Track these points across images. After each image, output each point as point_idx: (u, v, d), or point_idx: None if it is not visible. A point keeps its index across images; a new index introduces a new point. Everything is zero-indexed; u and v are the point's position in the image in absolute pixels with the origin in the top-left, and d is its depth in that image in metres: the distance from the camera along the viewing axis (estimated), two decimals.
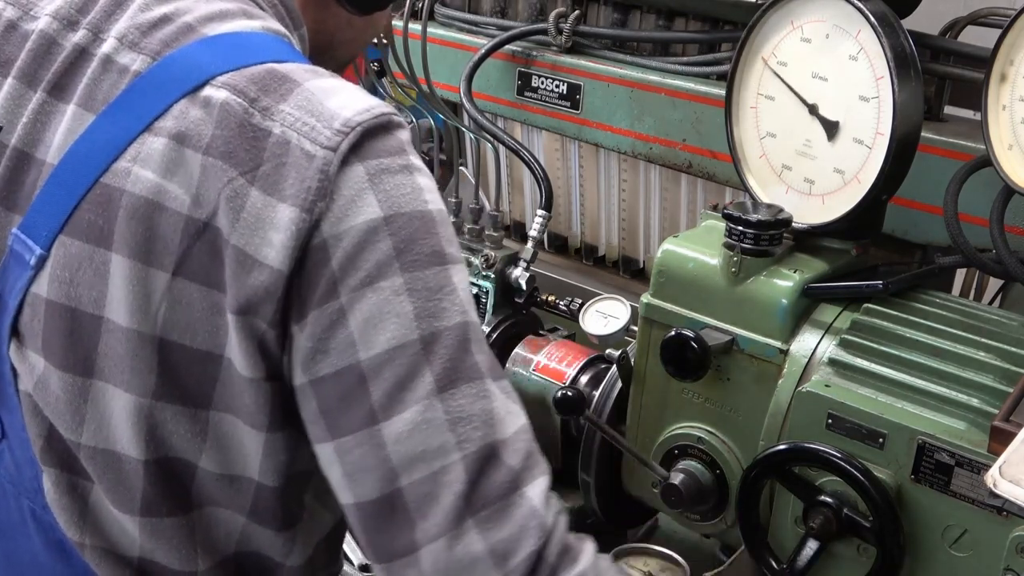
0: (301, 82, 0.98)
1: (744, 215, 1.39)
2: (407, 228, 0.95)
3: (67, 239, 1.00)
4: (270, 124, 0.95)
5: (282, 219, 0.93)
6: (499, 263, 1.84)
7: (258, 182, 0.94)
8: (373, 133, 0.96)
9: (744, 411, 1.41)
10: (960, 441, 1.19)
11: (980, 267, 1.41)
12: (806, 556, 1.27)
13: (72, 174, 1.00)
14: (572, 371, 1.70)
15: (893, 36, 1.34)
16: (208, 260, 0.96)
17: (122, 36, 1.03)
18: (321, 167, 0.93)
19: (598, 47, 1.95)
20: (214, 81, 0.98)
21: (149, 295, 0.97)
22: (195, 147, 0.96)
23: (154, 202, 0.96)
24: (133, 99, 1.00)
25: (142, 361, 0.99)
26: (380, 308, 0.94)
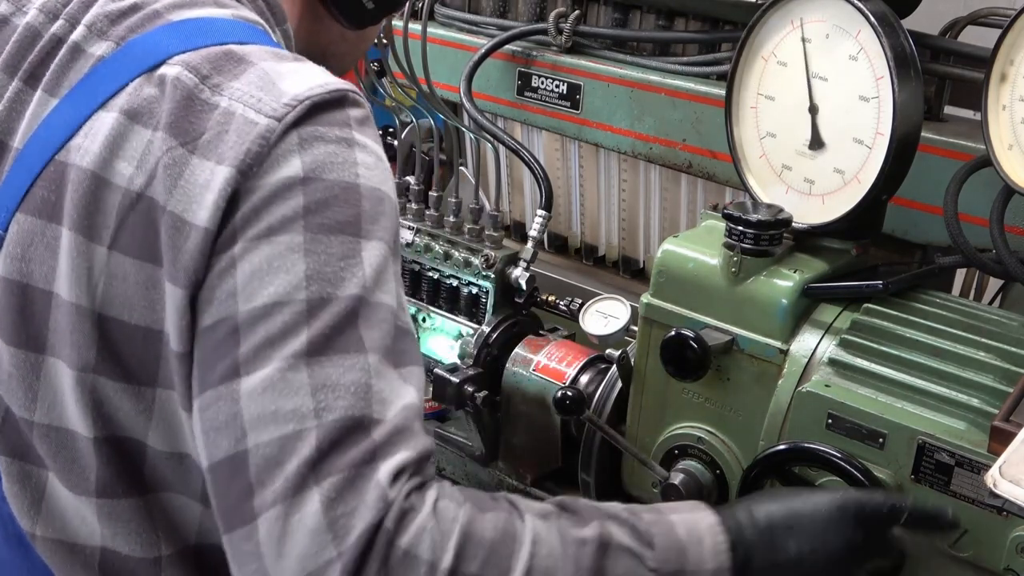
0: (257, 62, 0.98)
1: (744, 215, 1.39)
2: (324, 193, 0.93)
3: (21, 216, 1.01)
4: (218, 99, 0.96)
5: (217, 180, 0.92)
6: (499, 263, 1.84)
7: (199, 150, 0.94)
8: (322, 107, 0.95)
9: (744, 411, 1.41)
10: (960, 441, 1.19)
11: (980, 267, 1.41)
12: None
13: (31, 156, 1.01)
14: (572, 371, 1.70)
15: (893, 36, 1.34)
16: (142, 232, 0.95)
17: (91, 24, 1.05)
18: (263, 133, 0.93)
19: (598, 47, 1.95)
20: (171, 60, 0.98)
21: (89, 269, 0.97)
22: (145, 123, 0.97)
23: (99, 176, 0.97)
24: (93, 82, 1.01)
25: (83, 336, 0.98)
26: (270, 261, 0.91)
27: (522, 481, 1.77)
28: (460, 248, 1.91)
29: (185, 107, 0.95)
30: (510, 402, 1.76)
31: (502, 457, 1.79)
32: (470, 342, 1.83)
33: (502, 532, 0.92)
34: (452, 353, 1.97)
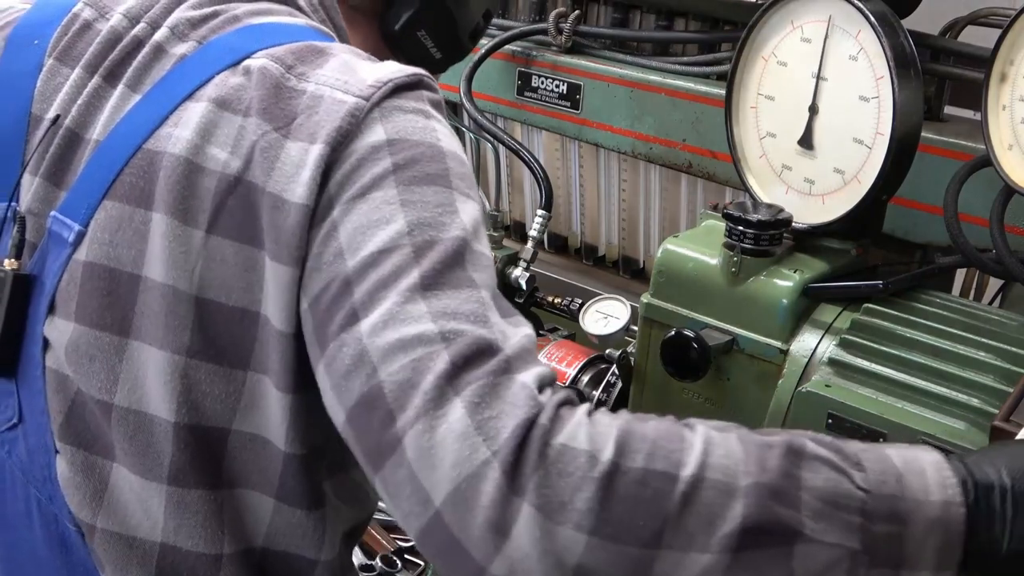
0: (338, 53, 1.02)
1: (744, 215, 1.39)
2: (410, 151, 0.95)
3: (108, 203, 1.03)
4: (305, 85, 0.99)
5: (311, 157, 0.94)
6: (499, 263, 1.84)
7: (292, 134, 0.97)
8: (403, 88, 0.99)
9: (744, 411, 1.41)
10: (960, 441, 1.19)
11: (980, 267, 1.41)
12: None
13: (115, 147, 1.04)
14: (572, 371, 1.70)
15: (893, 36, 1.34)
16: (241, 215, 0.97)
17: (173, 27, 1.09)
18: (351, 110, 0.96)
19: (598, 47, 1.95)
20: (255, 55, 1.02)
21: (187, 252, 0.98)
22: (234, 110, 1.00)
23: (192, 161, 0.99)
24: (178, 76, 1.05)
25: (178, 318, 0.99)
26: (369, 216, 0.92)
27: None
28: None
29: (274, 94, 0.99)
30: None
31: None
32: None
33: (667, 432, 0.85)
34: None
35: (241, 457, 1.05)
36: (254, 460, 1.05)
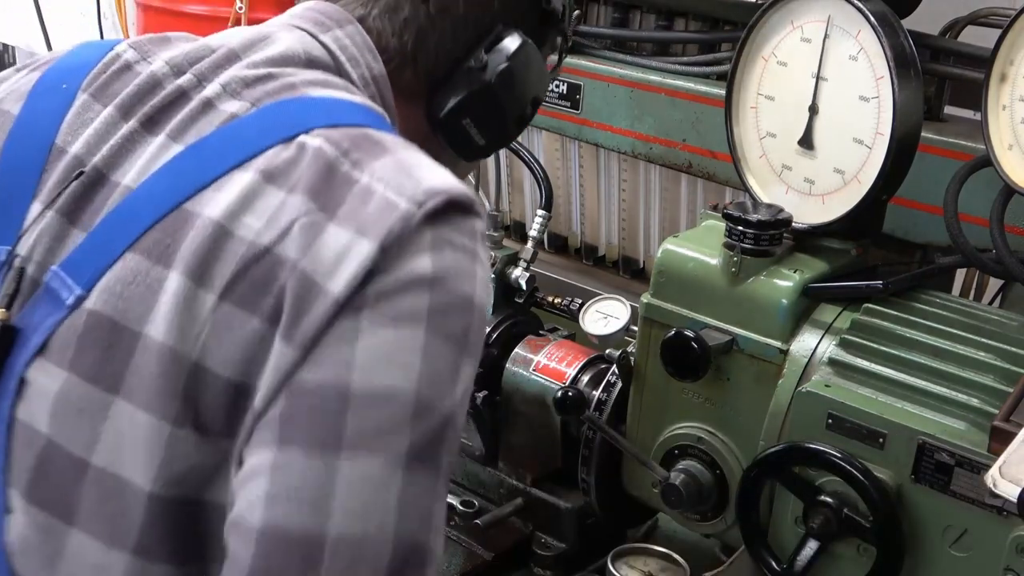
0: (394, 149, 1.00)
1: (744, 215, 1.39)
2: (447, 298, 0.95)
3: (131, 255, 0.99)
4: (359, 174, 0.97)
5: (358, 252, 0.92)
6: (499, 263, 1.84)
7: (338, 219, 0.94)
8: (455, 206, 0.97)
9: (744, 411, 1.41)
10: (960, 441, 1.19)
11: (980, 267, 1.41)
12: (806, 556, 1.27)
13: (149, 200, 1.01)
14: (572, 371, 1.70)
15: (893, 36, 1.34)
16: (261, 286, 0.94)
17: (226, 84, 1.06)
18: (404, 215, 0.94)
19: (598, 47, 1.95)
20: (311, 132, 1.00)
21: (194, 316, 0.95)
22: (280, 185, 0.97)
23: (223, 226, 0.96)
24: (227, 137, 1.02)
25: (171, 382, 0.96)
26: (394, 348, 0.92)
27: (522, 481, 1.77)
28: None
29: (326, 176, 0.96)
30: (510, 402, 1.76)
31: (502, 457, 1.79)
32: None
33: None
34: None
35: (212, 531, 1.00)
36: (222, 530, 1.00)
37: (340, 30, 1.13)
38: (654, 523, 1.77)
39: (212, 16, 3.01)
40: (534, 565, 1.71)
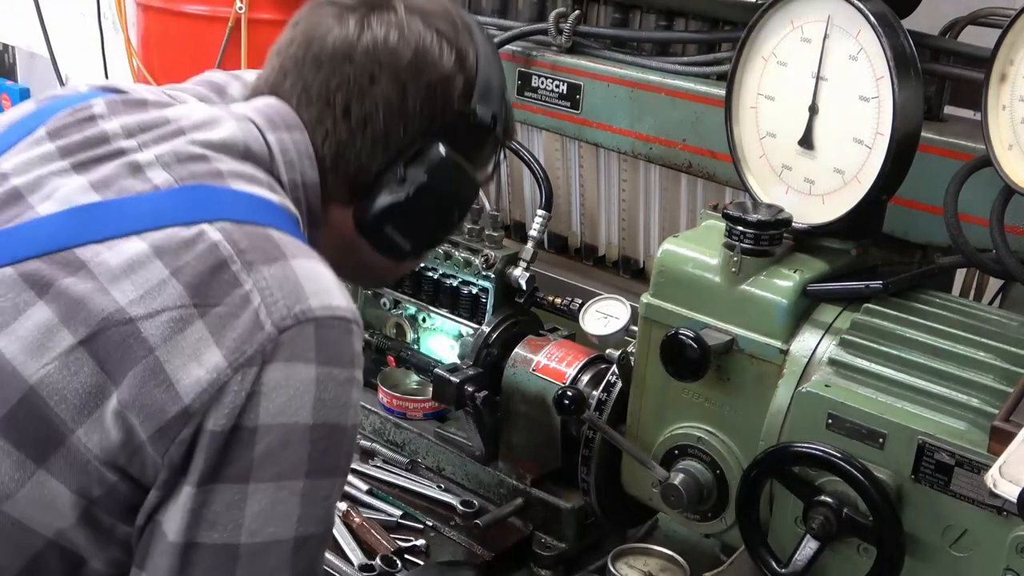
0: (289, 257, 1.08)
1: (744, 215, 1.39)
2: (326, 439, 1.06)
3: (10, 270, 1.06)
4: (244, 277, 1.05)
5: (210, 360, 1.02)
6: (499, 263, 1.84)
7: (207, 319, 1.03)
8: (328, 328, 1.06)
9: (744, 411, 1.41)
10: (960, 441, 1.19)
11: (980, 267, 1.41)
12: (806, 556, 1.27)
13: (47, 232, 1.08)
14: (572, 371, 1.70)
15: (893, 36, 1.34)
16: (114, 349, 1.02)
17: (160, 155, 1.14)
18: (263, 342, 1.03)
19: (598, 47, 1.95)
20: (215, 223, 1.08)
21: (47, 347, 1.02)
22: (167, 263, 1.05)
23: (102, 284, 1.04)
24: (138, 204, 1.09)
25: (3, 393, 1.03)
26: (274, 503, 1.04)
27: (522, 481, 1.77)
28: (460, 248, 1.91)
29: (212, 274, 1.04)
30: (510, 402, 1.76)
31: (502, 457, 1.79)
32: (470, 342, 1.83)
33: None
34: (452, 353, 1.97)
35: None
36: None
37: (287, 133, 1.22)
38: (654, 523, 1.77)
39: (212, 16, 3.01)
40: (534, 565, 1.71)
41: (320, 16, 1.27)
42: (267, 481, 1.04)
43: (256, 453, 1.03)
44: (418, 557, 1.69)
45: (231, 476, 1.03)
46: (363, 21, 1.25)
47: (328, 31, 1.25)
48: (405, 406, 1.97)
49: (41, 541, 1.06)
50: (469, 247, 1.90)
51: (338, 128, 1.24)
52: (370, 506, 1.79)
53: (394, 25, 1.25)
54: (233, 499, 1.03)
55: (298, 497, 1.06)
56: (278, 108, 1.24)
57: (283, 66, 1.27)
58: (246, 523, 1.04)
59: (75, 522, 1.06)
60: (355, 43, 1.23)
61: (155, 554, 1.06)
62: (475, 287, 1.90)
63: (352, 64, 1.23)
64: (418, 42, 1.25)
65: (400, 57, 1.24)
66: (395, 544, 1.69)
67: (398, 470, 1.89)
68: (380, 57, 1.23)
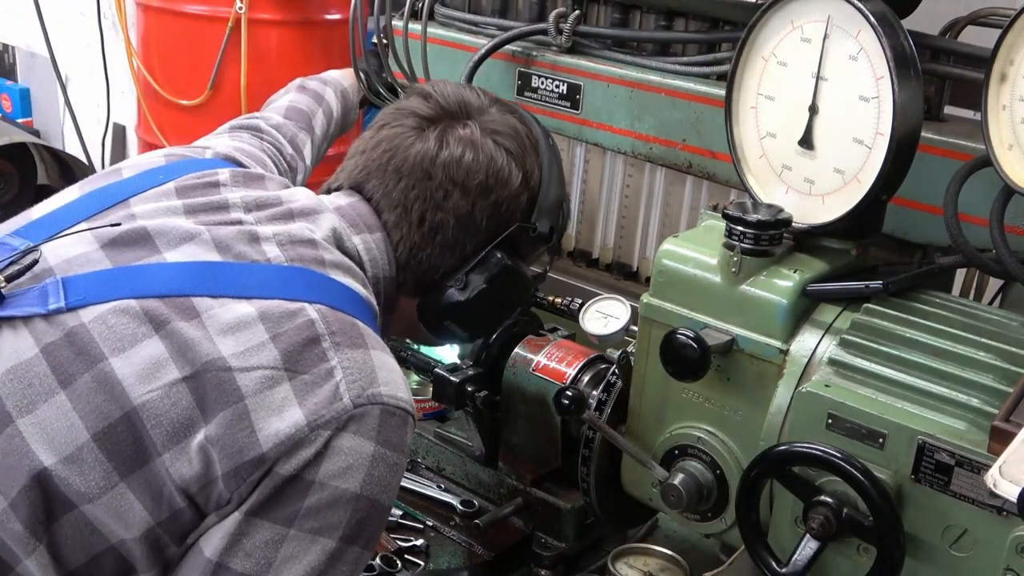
0: (370, 347, 1.22)
1: (744, 215, 1.39)
2: (365, 511, 1.17)
3: (134, 302, 1.18)
4: (332, 355, 1.19)
5: (291, 417, 1.14)
6: None
7: (294, 382, 1.16)
8: (390, 416, 1.19)
9: (744, 411, 1.41)
10: (960, 441, 1.19)
11: (980, 267, 1.41)
12: (806, 556, 1.27)
13: (170, 278, 1.22)
14: (572, 371, 1.70)
15: (893, 36, 1.34)
16: (211, 390, 1.14)
17: (275, 233, 1.30)
18: (340, 411, 1.16)
19: (598, 47, 1.95)
20: (316, 304, 1.22)
21: (154, 376, 1.14)
22: (268, 328, 1.18)
23: (211, 337, 1.17)
24: (253, 272, 1.24)
25: (107, 408, 1.14)
26: (306, 553, 1.15)
27: (522, 481, 1.77)
28: None
29: (305, 346, 1.18)
30: (510, 402, 1.76)
31: (502, 457, 1.80)
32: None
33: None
34: (452, 353, 1.97)
35: (66, 524, 1.17)
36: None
37: (368, 234, 1.38)
38: (654, 523, 1.77)
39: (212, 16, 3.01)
40: (534, 565, 1.71)
41: (403, 126, 1.42)
42: (306, 532, 1.15)
43: (305, 504, 1.15)
44: (418, 557, 1.69)
45: (278, 517, 1.15)
46: (442, 138, 1.40)
47: (411, 145, 1.40)
48: None
49: (104, 544, 1.16)
50: None
51: (412, 233, 1.40)
52: None
53: (469, 144, 1.40)
54: (273, 538, 1.15)
55: (327, 556, 1.16)
56: (360, 210, 1.40)
57: (367, 167, 1.42)
58: (276, 563, 1.15)
59: (138, 536, 1.16)
60: (434, 159, 1.39)
61: (186, 567, 1.17)
62: None
63: (430, 180, 1.39)
64: (490, 163, 1.40)
65: (472, 176, 1.39)
66: (395, 544, 1.69)
67: None
68: (454, 176, 1.39)
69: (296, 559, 1.15)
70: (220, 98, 3.05)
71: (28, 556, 1.13)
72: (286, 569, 1.15)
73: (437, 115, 1.42)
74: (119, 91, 4.01)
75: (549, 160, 1.48)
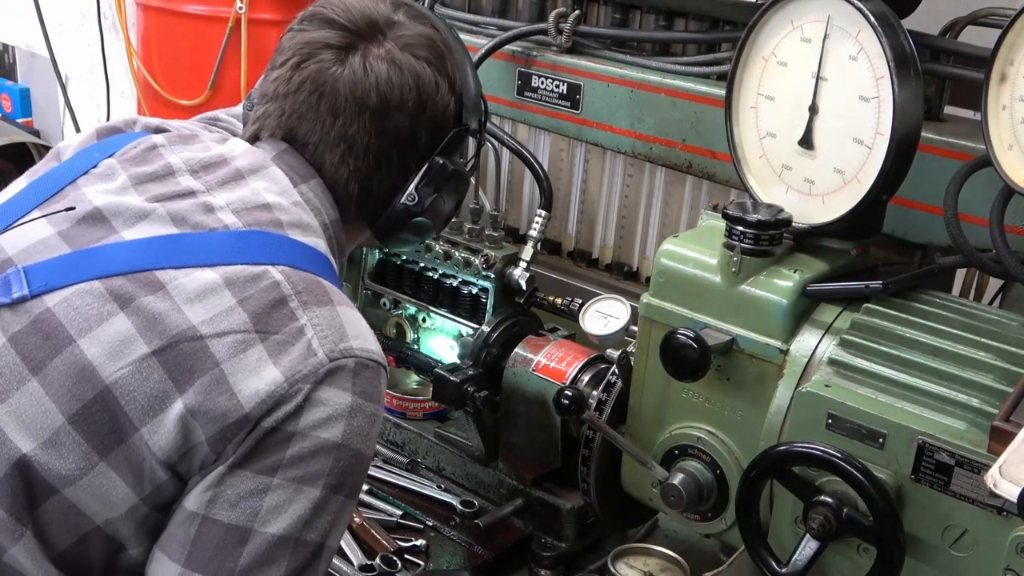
0: (336, 303, 1.24)
1: (744, 215, 1.39)
2: (347, 460, 1.19)
3: (97, 283, 1.18)
4: (300, 313, 1.20)
5: (268, 376, 1.15)
6: (499, 263, 1.84)
7: (266, 343, 1.17)
8: (364, 368, 1.21)
9: (744, 411, 1.41)
10: (960, 441, 1.19)
11: (980, 267, 1.41)
12: (806, 556, 1.27)
13: (129, 255, 1.22)
14: (572, 371, 1.70)
15: (893, 36, 1.34)
16: (184, 360, 1.15)
17: (230, 202, 1.28)
18: (316, 365, 1.17)
19: (598, 47, 1.95)
20: (279, 266, 1.23)
21: (124, 353, 1.15)
22: (234, 293, 1.19)
23: (176, 304, 1.17)
24: (213, 240, 1.24)
25: (79, 389, 1.15)
26: (290, 502, 1.16)
27: (522, 481, 1.77)
28: (460, 248, 1.91)
29: (273, 307, 1.19)
30: (510, 402, 1.76)
31: (502, 457, 1.79)
32: (470, 342, 1.83)
33: None
34: (452, 353, 1.97)
35: (48, 505, 1.18)
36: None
37: (304, 184, 1.36)
38: (654, 523, 1.77)
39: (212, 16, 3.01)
40: (534, 565, 1.71)
41: (322, 61, 1.36)
42: (290, 481, 1.16)
43: (288, 453, 1.16)
44: (418, 557, 1.69)
45: (261, 467, 1.16)
46: (364, 64, 1.36)
47: (336, 79, 1.36)
48: (405, 406, 1.97)
49: (90, 525, 1.17)
50: (469, 247, 1.90)
51: (358, 166, 1.38)
52: (370, 506, 1.79)
53: (392, 65, 1.37)
54: (257, 487, 1.15)
55: (312, 505, 1.17)
56: (289, 161, 1.37)
57: (295, 111, 1.37)
58: (262, 512, 1.15)
59: (123, 514, 1.17)
60: (366, 91, 1.35)
61: (172, 524, 1.18)
62: (475, 287, 1.90)
63: (367, 112, 1.36)
64: (417, 80, 1.38)
65: (406, 98, 1.37)
66: (395, 544, 1.69)
67: (398, 470, 1.89)
68: (389, 101, 1.36)
69: (281, 509, 1.16)
70: (220, 98, 3.05)
71: (15, 543, 1.14)
72: (272, 519, 1.16)
73: (350, 41, 1.37)
74: (119, 91, 4.02)
75: (461, 58, 1.46)
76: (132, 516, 1.18)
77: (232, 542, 1.15)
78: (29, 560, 1.15)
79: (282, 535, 1.16)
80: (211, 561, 1.16)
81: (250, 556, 1.16)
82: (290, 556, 1.18)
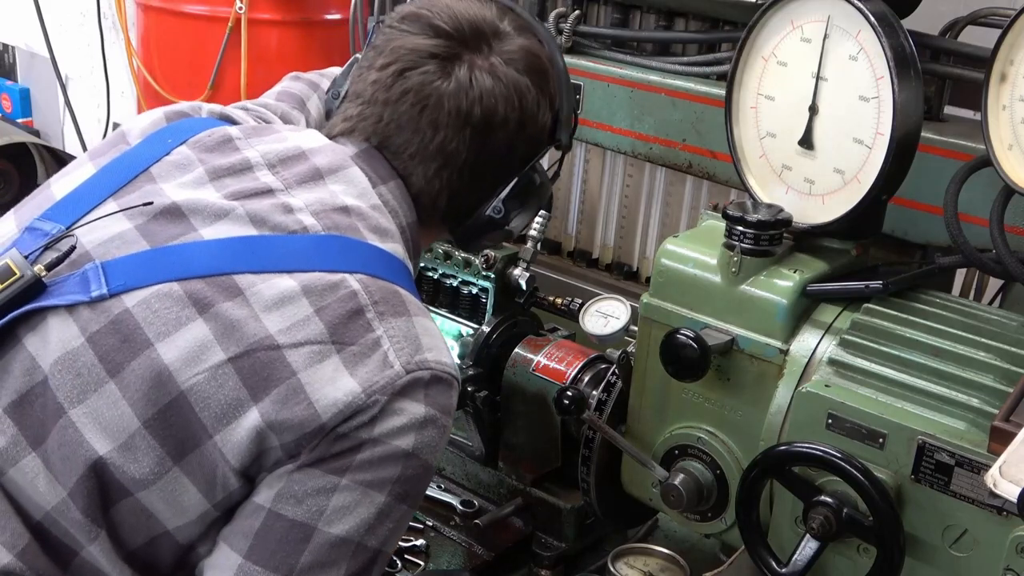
0: (412, 314, 1.24)
1: (744, 215, 1.39)
2: (415, 470, 1.20)
3: (176, 285, 1.18)
4: (376, 325, 1.20)
5: (345, 386, 1.15)
6: (499, 263, 1.84)
7: (342, 354, 1.17)
8: (439, 381, 1.21)
9: (744, 411, 1.41)
10: (960, 441, 1.19)
11: (980, 267, 1.41)
12: (806, 556, 1.27)
13: (210, 258, 1.21)
14: (572, 371, 1.70)
15: (893, 36, 1.34)
16: (260, 369, 1.15)
17: (309, 203, 1.27)
18: (392, 377, 1.17)
19: (598, 47, 1.95)
20: (357, 274, 1.22)
21: (200, 359, 1.15)
22: (312, 302, 1.18)
23: (255, 312, 1.17)
24: (292, 244, 1.23)
25: (155, 394, 1.15)
26: (356, 505, 1.17)
27: (522, 481, 1.77)
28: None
29: (349, 318, 1.19)
30: (510, 402, 1.76)
31: (502, 457, 1.79)
32: (470, 342, 1.83)
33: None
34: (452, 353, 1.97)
35: (122, 508, 1.20)
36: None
37: (383, 185, 1.35)
38: (654, 523, 1.77)
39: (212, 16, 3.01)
40: (534, 565, 1.71)
41: (426, 72, 1.35)
42: (358, 484, 1.17)
43: (358, 457, 1.16)
44: (418, 557, 1.69)
45: (330, 468, 1.16)
46: (470, 78, 1.34)
47: (441, 92, 1.34)
48: None
49: (161, 529, 1.19)
50: None
51: (452, 180, 1.38)
52: None
53: (497, 81, 1.35)
54: (324, 486, 1.16)
55: (376, 509, 1.18)
56: (371, 163, 1.35)
57: (396, 120, 1.36)
58: (327, 512, 1.16)
59: (194, 519, 1.18)
60: (471, 106, 1.34)
61: (239, 517, 1.18)
62: (475, 287, 1.90)
63: (469, 128, 1.35)
64: (521, 99, 1.37)
65: (509, 119, 1.37)
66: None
67: None
68: (494, 120, 1.36)
69: (347, 510, 1.16)
70: (220, 98, 3.05)
71: (91, 542, 1.16)
72: (337, 520, 1.16)
73: (455, 52, 1.36)
74: (119, 91, 4.02)
75: (561, 72, 1.46)
76: (202, 521, 1.18)
77: (295, 538, 1.16)
78: (104, 558, 1.16)
79: (344, 537, 1.17)
80: (272, 556, 1.16)
81: (311, 555, 1.16)
82: (350, 559, 1.18)
